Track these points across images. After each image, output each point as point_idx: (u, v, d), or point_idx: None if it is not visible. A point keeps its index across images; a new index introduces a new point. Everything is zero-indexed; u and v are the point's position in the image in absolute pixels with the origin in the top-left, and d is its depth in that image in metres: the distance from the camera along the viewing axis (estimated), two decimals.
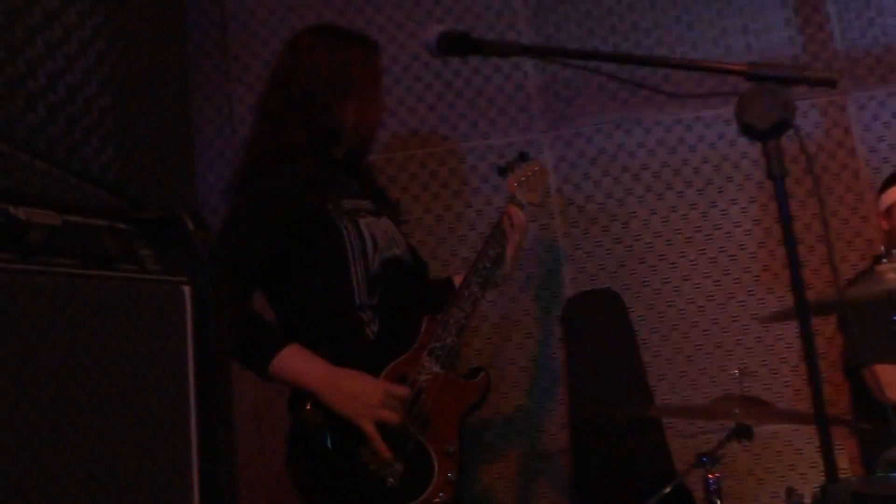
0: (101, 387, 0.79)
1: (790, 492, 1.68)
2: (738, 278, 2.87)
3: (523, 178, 2.25)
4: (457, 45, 1.49)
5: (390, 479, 1.74)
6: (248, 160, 1.97)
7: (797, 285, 1.26)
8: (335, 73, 1.96)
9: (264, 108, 2.00)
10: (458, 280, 2.09)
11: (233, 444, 0.85)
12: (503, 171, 2.27)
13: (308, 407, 1.75)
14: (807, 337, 1.24)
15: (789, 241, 1.26)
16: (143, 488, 0.82)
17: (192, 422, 0.82)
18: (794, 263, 1.25)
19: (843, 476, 2.47)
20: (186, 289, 0.83)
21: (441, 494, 1.78)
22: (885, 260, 2.11)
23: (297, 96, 1.94)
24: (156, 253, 0.80)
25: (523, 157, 2.30)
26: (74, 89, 1.94)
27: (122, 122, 2.26)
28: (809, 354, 1.25)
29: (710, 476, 2.08)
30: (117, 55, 2.24)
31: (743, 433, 2.17)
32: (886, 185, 2.72)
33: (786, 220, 1.27)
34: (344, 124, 1.98)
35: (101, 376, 0.78)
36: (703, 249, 2.90)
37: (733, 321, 2.85)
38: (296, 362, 1.77)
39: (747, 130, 1.28)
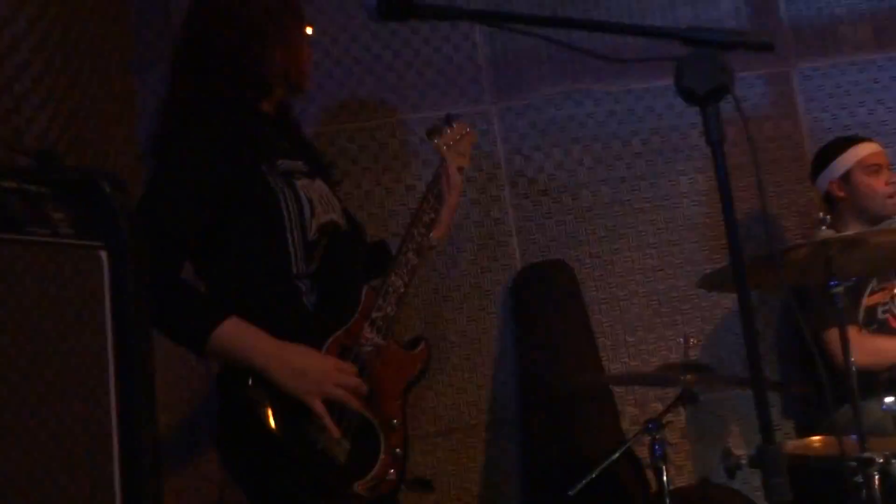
0: (9, 359, 0.75)
1: (727, 453, 1.71)
2: (685, 248, 2.91)
3: (451, 143, 2.15)
4: (397, 7, 1.46)
5: (339, 458, 1.67)
6: (168, 120, 1.79)
7: (734, 248, 1.27)
8: (256, 17, 1.80)
9: (181, 64, 1.83)
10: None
11: (153, 414, 0.82)
12: (430, 135, 2.19)
13: (250, 383, 1.64)
14: (743, 301, 1.26)
15: (727, 204, 1.27)
16: (61, 461, 0.79)
17: (111, 394, 0.79)
18: (730, 225, 1.26)
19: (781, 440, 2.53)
20: (103, 254, 0.79)
21: (391, 471, 1.73)
22: (824, 227, 2.15)
23: (217, 47, 1.78)
24: (70, 217, 0.76)
25: (449, 119, 2.20)
26: (3, 56, 1.86)
27: (57, 91, 2.18)
28: (745, 317, 1.26)
29: (657, 442, 2.11)
30: (51, 20, 2.16)
31: (689, 399, 2.22)
32: (838, 150, 2.67)
33: (723, 184, 1.27)
34: (272, 73, 1.83)
35: (10, 348, 0.74)
36: (653, 219, 2.92)
37: (681, 290, 2.89)
38: (239, 336, 1.65)
39: (686, 95, 1.28)
